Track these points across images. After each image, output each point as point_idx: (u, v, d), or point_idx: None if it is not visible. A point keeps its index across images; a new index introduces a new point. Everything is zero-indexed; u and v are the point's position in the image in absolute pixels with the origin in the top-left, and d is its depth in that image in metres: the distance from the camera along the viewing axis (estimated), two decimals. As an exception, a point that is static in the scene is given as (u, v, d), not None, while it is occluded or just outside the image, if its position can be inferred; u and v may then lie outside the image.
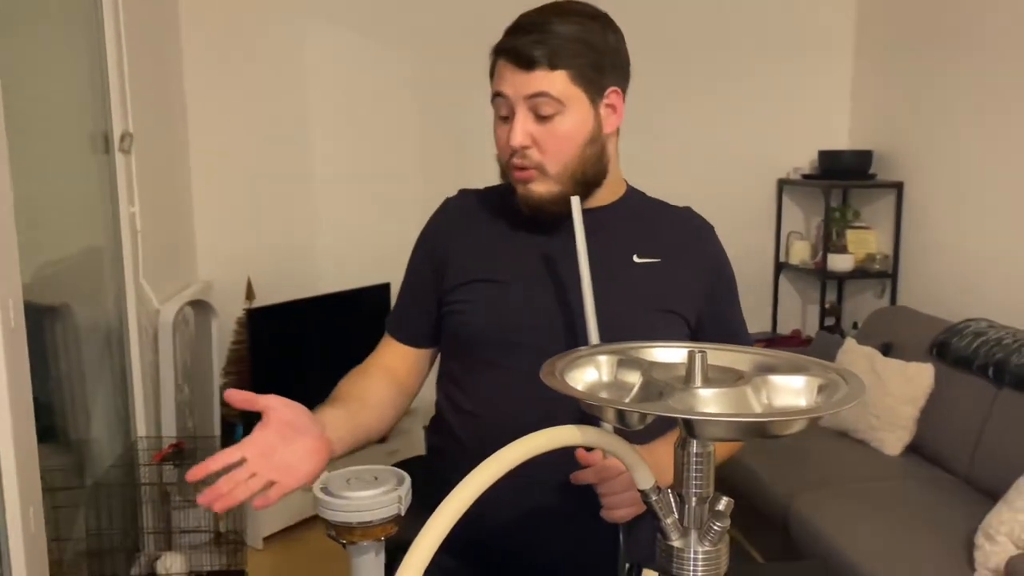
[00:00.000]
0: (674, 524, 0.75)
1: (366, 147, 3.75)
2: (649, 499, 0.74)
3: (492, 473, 0.62)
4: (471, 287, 1.23)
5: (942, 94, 3.42)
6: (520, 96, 1.12)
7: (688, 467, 0.75)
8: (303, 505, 3.29)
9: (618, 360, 0.81)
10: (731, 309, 1.30)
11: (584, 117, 1.15)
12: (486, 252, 1.25)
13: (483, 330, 1.21)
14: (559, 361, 0.79)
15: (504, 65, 1.14)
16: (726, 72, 3.94)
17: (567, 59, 1.11)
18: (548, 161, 1.15)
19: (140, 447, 2.70)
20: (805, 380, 0.74)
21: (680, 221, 1.29)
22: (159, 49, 3.17)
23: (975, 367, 2.80)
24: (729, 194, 3.86)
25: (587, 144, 1.16)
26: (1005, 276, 3.11)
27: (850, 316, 4.03)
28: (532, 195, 1.17)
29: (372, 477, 0.93)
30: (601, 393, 0.80)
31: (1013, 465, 2.40)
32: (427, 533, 0.61)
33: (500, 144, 1.18)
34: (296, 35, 3.56)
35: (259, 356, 3.26)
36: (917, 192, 3.62)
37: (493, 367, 1.20)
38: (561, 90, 1.12)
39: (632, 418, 0.68)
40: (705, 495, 0.75)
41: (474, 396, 1.23)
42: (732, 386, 0.72)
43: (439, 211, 1.34)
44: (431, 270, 1.28)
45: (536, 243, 1.23)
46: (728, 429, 0.67)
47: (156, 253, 2.90)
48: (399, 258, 1.19)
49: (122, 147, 2.65)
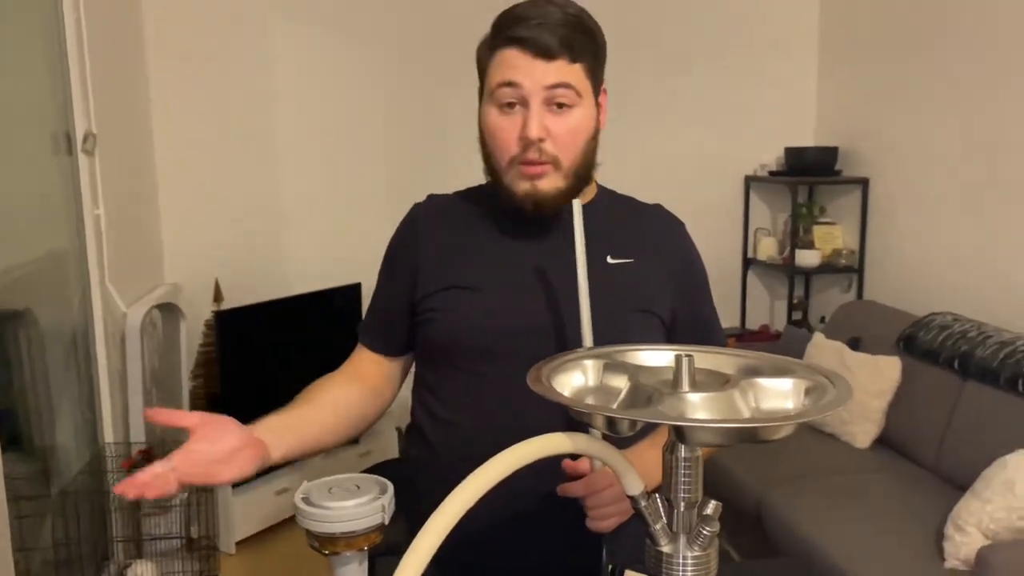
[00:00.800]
0: (663, 529, 0.75)
1: (335, 146, 3.72)
2: (638, 505, 0.74)
3: (482, 484, 0.61)
4: (444, 294, 1.20)
5: (906, 91, 3.47)
6: (539, 86, 1.10)
7: (676, 472, 0.75)
8: (277, 509, 3.26)
9: (604, 364, 0.81)
10: (704, 306, 1.30)
11: (592, 112, 1.15)
12: (458, 258, 1.23)
13: (457, 338, 1.19)
14: (545, 367, 0.79)
15: (517, 55, 1.10)
16: (693, 70, 3.96)
17: (581, 50, 1.11)
18: (562, 154, 1.13)
19: (108, 453, 2.65)
20: (792, 383, 0.75)
21: (651, 219, 1.29)
22: (121, 46, 3.11)
23: (941, 360, 2.85)
24: (697, 191, 3.88)
25: (590, 139, 1.16)
26: (968, 270, 3.17)
27: (817, 311, 4.08)
28: (540, 192, 1.14)
29: (354, 486, 0.92)
30: (587, 398, 0.79)
31: (979, 456, 2.44)
32: (416, 548, 0.60)
33: (505, 137, 1.13)
34: (262, 33, 3.52)
35: (228, 359, 3.21)
36: (882, 188, 3.67)
37: (468, 374, 1.19)
38: (579, 82, 1.11)
39: (623, 425, 0.68)
40: (694, 500, 0.75)
41: (450, 404, 1.21)
42: (720, 390, 0.72)
43: (408, 217, 1.32)
44: (402, 278, 1.26)
45: (511, 247, 1.21)
46: (720, 435, 0.67)
47: (121, 255, 2.84)
48: (369, 258, 1.16)
49: (85, 147, 2.59)
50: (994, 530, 2.16)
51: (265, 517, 3.23)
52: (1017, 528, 2.13)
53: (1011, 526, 2.14)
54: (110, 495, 2.63)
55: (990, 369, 2.63)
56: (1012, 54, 2.91)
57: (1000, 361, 2.61)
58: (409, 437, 1.32)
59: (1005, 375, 2.57)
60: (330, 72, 3.66)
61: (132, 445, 2.74)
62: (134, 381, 2.77)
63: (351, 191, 3.77)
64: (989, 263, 3.06)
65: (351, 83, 3.70)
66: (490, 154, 1.18)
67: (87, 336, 2.67)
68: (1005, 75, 2.95)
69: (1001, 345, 2.65)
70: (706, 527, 0.73)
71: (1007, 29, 2.93)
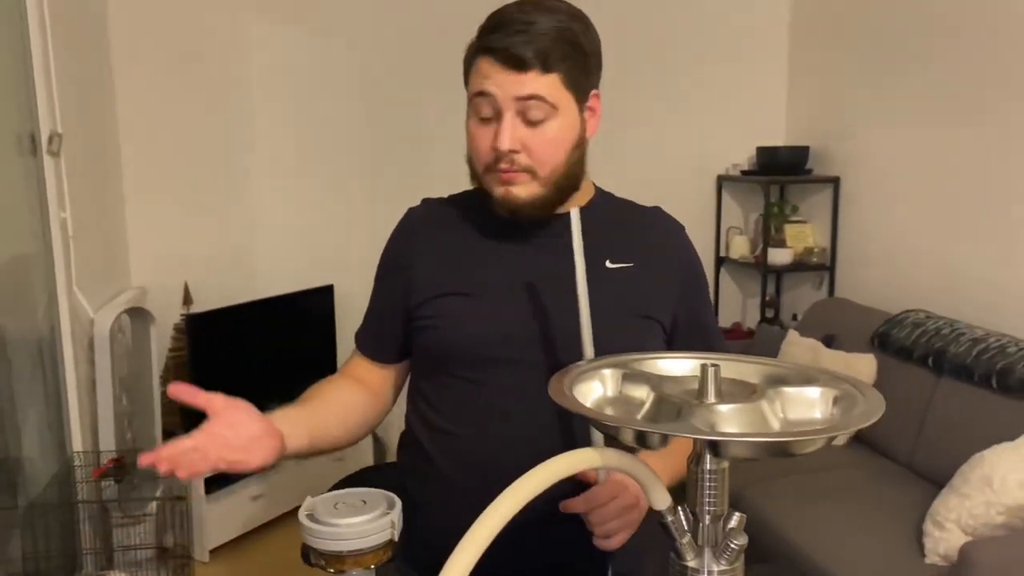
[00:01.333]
0: (689, 544, 0.73)
1: (306, 145, 3.66)
2: (665, 520, 0.72)
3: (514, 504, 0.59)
4: (439, 301, 1.18)
5: (876, 91, 3.51)
6: (510, 98, 1.07)
7: (701, 484, 0.73)
8: (251, 515, 3.20)
9: (623, 374, 0.79)
10: (704, 310, 1.29)
11: (572, 121, 1.12)
12: (454, 263, 1.20)
13: (453, 346, 1.16)
14: (564, 378, 0.76)
15: (490, 65, 1.08)
16: (665, 70, 3.96)
17: (559, 61, 1.07)
18: (537, 165, 1.11)
19: (77, 463, 2.57)
20: (820, 392, 0.73)
21: (650, 223, 1.27)
22: (87, 44, 3.03)
23: (915, 357, 2.88)
24: (669, 190, 3.84)
25: (574, 149, 1.13)
26: (939, 268, 3.21)
27: (788, 309, 4.11)
28: (515, 198, 1.12)
29: (360, 501, 0.89)
30: (607, 409, 0.77)
31: (954, 452, 2.47)
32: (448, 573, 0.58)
33: (480, 146, 1.12)
34: (232, 32, 3.45)
35: (199, 363, 3.15)
36: (853, 187, 3.71)
37: (465, 383, 1.16)
38: (553, 94, 1.08)
39: (653, 439, 0.66)
40: (720, 512, 0.74)
41: (446, 413, 1.18)
42: (749, 401, 0.70)
43: (402, 222, 1.28)
44: (397, 284, 1.23)
45: (508, 252, 1.19)
46: (757, 449, 0.65)
47: (88, 259, 2.77)
48: (342, 259, 1.12)
49: (50, 148, 2.51)
50: (973, 526, 2.18)
51: (239, 524, 3.17)
52: (995, 523, 2.16)
53: (989, 521, 2.16)
54: (79, 505, 2.57)
55: (964, 366, 2.67)
56: (980, 55, 2.95)
57: (974, 358, 2.64)
58: (403, 445, 1.29)
59: (979, 372, 2.60)
60: (302, 72, 3.60)
61: (102, 454, 2.67)
62: (104, 388, 2.70)
63: (324, 192, 3.72)
64: (959, 261, 3.10)
65: (324, 83, 3.64)
66: (471, 159, 1.17)
67: (53, 343, 2.60)
68: (974, 76, 2.99)
69: (974, 342, 2.69)
70: (734, 540, 0.72)
71: (975, 31, 2.97)
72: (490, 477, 1.14)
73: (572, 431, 1.13)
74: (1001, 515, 2.15)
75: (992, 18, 2.90)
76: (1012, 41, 2.82)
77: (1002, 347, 2.60)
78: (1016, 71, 2.81)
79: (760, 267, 3.91)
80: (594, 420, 0.68)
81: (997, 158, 2.91)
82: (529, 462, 1.12)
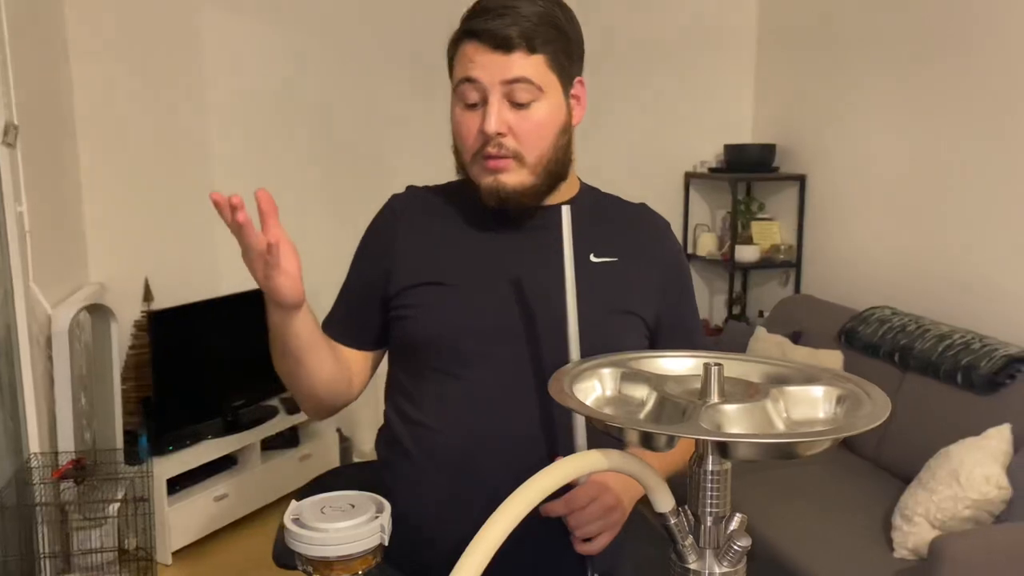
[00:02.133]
0: (692, 546, 0.72)
1: (269, 137, 3.59)
2: (668, 522, 0.70)
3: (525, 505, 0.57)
4: (420, 290, 1.16)
5: (841, 90, 3.55)
6: (496, 81, 1.06)
7: (704, 485, 0.72)
8: (214, 516, 3.14)
9: (622, 373, 0.77)
10: (688, 309, 1.28)
11: (558, 105, 1.11)
12: (435, 253, 1.18)
13: (431, 337, 1.14)
14: (564, 377, 0.74)
15: (476, 48, 1.07)
16: (633, 69, 3.97)
17: (544, 43, 1.07)
18: (524, 150, 1.09)
19: (34, 464, 2.49)
20: (823, 391, 0.72)
21: (636, 219, 1.26)
22: (43, 36, 2.93)
23: (882, 353, 2.92)
24: (637, 187, 3.81)
25: (560, 134, 1.12)
26: (903, 265, 3.25)
27: (755, 305, 4.14)
28: (503, 187, 1.10)
29: (348, 504, 0.85)
30: (605, 409, 0.76)
31: (919, 447, 2.50)
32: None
33: (466, 133, 1.11)
34: (191, 21, 3.37)
35: (162, 361, 3.07)
36: (819, 184, 3.75)
37: (444, 375, 1.14)
38: (539, 75, 1.07)
39: (660, 440, 0.64)
40: (722, 514, 0.72)
41: (425, 407, 1.16)
42: (752, 400, 0.69)
43: (384, 209, 1.26)
44: (376, 270, 1.20)
45: (490, 244, 1.17)
46: (765, 450, 0.64)
47: (45, 254, 2.69)
48: (307, 255, 1.08)
49: (6, 140, 2.43)
50: (941, 519, 2.21)
51: (203, 525, 3.10)
52: (963, 517, 2.19)
53: (957, 515, 2.19)
54: (37, 508, 2.49)
55: (929, 362, 2.70)
56: (944, 56, 3.00)
57: (939, 354, 2.68)
58: (382, 439, 1.27)
59: (944, 367, 2.64)
60: (263, 64, 3.53)
61: (61, 455, 2.59)
62: (62, 386, 2.62)
63: (285, 186, 3.64)
64: (924, 258, 3.15)
65: (285, 76, 3.58)
66: (457, 149, 1.15)
67: (9, 340, 2.51)
68: (939, 75, 3.03)
69: (939, 338, 2.73)
70: (737, 542, 0.71)
71: (942, 30, 3.01)
72: (468, 472, 1.13)
73: (551, 426, 1.11)
74: (968, 508, 2.18)
75: (956, 20, 2.94)
76: (975, 42, 2.86)
77: (967, 343, 2.64)
78: (978, 71, 2.85)
79: (727, 264, 3.93)
80: (600, 422, 0.66)
81: (960, 156, 2.95)
82: (507, 457, 1.10)
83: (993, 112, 2.81)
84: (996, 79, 2.79)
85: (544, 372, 1.08)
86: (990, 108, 2.82)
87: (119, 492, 2.69)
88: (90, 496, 2.61)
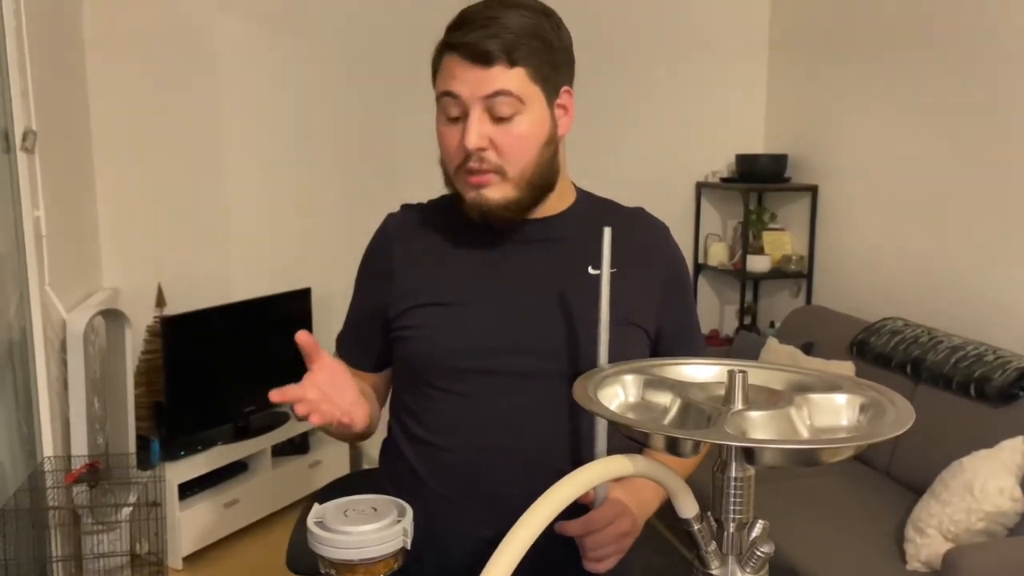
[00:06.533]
0: (715, 552, 0.72)
1: (282, 147, 3.61)
2: (691, 527, 0.71)
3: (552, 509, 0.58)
4: (420, 311, 1.15)
5: (854, 100, 3.55)
6: (476, 95, 1.04)
7: (727, 492, 0.72)
8: (225, 522, 3.15)
9: (645, 380, 0.78)
10: (689, 315, 1.26)
11: (542, 117, 1.08)
12: (432, 272, 1.17)
13: (431, 357, 1.13)
14: (588, 384, 0.75)
15: (456, 62, 1.05)
16: (646, 78, 3.98)
17: (525, 55, 1.04)
18: (506, 163, 1.07)
19: (48, 468, 2.51)
20: (846, 399, 0.72)
21: (634, 225, 1.22)
22: (61, 42, 2.96)
23: (894, 364, 2.91)
24: (648, 197, 3.81)
25: (544, 146, 1.09)
26: (915, 276, 3.25)
27: (766, 316, 4.13)
28: (486, 201, 1.09)
29: (370, 508, 0.86)
30: (629, 415, 0.76)
31: (932, 459, 2.50)
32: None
33: (449, 147, 1.09)
34: (206, 28, 3.39)
35: (174, 366, 3.09)
36: (831, 195, 3.74)
37: (446, 394, 1.13)
38: (520, 88, 1.04)
39: (686, 446, 0.65)
40: (745, 520, 0.73)
41: (429, 425, 1.16)
42: (777, 407, 0.69)
43: (380, 230, 1.25)
44: (376, 292, 1.20)
45: (486, 259, 1.16)
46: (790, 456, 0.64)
47: (61, 259, 2.70)
48: (319, 263, 1.09)
49: (24, 146, 2.45)
50: (954, 532, 2.20)
51: (213, 530, 3.11)
52: (976, 530, 2.18)
53: (970, 528, 2.18)
54: (49, 512, 2.50)
55: (942, 374, 2.70)
56: (958, 66, 3.00)
57: (952, 366, 2.67)
58: (385, 454, 1.27)
59: (957, 379, 2.63)
60: (277, 72, 3.56)
61: (74, 459, 2.60)
62: (76, 391, 2.63)
63: (299, 194, 3.67)
64: (936, 270, 3.14)
65: (298, 83, 3.60)
66: (444, 162, 1.14)
67: (25, 344, 2.53)
68: (953, 83, 3.03)
69: (952, 350, 2.72)
70: (760, 548, 0.71)
71: (954, 38, 3.02)
72: (472, 488, 1.13)
73: (556, 441, 1.11)
74: (981, 521, 2.17)
75: (968, 29, 2.95)
76: (988, 52, 2.87)
77: (980, 355, 2.63)
78: (993, 81, 2.85)
79: (738, 274, 3.93)
80: (626, 427, 0.66)
81: (975, 168, 2.95)
82: (511, 473, 1.10)
83: (1005, 124, 2.81)
84: (1010, 91, 2.79)
85: (547, 386, 1.08)
86: (1003, 120, 2.82)
87: (131, 496, 2.70)
88: (102, 500, 2.62)
